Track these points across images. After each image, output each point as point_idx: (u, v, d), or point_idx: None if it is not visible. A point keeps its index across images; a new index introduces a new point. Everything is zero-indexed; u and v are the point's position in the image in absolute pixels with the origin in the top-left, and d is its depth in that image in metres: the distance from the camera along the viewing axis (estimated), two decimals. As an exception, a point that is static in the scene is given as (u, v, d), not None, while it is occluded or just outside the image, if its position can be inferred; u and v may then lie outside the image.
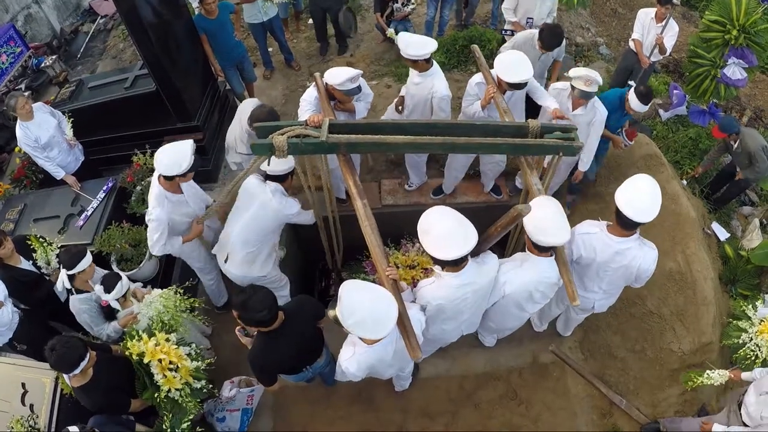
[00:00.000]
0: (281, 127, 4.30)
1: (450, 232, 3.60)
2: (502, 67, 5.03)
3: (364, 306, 3.34)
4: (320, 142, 4.19)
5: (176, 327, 4.56)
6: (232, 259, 4.99)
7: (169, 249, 4.90)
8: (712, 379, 4.72)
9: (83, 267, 4.42)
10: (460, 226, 3.61)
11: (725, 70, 7.26)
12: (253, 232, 4.83)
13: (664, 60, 9.20)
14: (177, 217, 4.89)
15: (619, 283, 4.63)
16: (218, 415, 5.22)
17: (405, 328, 3.58)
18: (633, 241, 4.20)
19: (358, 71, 5.03)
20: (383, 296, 3.44)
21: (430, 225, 3.64)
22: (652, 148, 6.66)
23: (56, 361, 3.79)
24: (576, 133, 4.52)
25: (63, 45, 10.93)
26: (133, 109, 6.92)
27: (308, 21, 9.79)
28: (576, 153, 4.55)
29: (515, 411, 5.50)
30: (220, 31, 7.05)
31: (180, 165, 4.53)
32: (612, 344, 5.90)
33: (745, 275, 6.69)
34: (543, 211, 3.90)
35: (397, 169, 7.18)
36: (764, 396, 4.02)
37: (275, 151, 4.20)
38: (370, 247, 4.06)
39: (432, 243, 3.61)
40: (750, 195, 8.22)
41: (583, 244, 4.32)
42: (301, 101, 5.24)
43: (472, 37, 8.45)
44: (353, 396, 5.47)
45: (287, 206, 4.76)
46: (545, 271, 4.08)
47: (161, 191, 4.71)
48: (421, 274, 6.29)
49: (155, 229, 4.71)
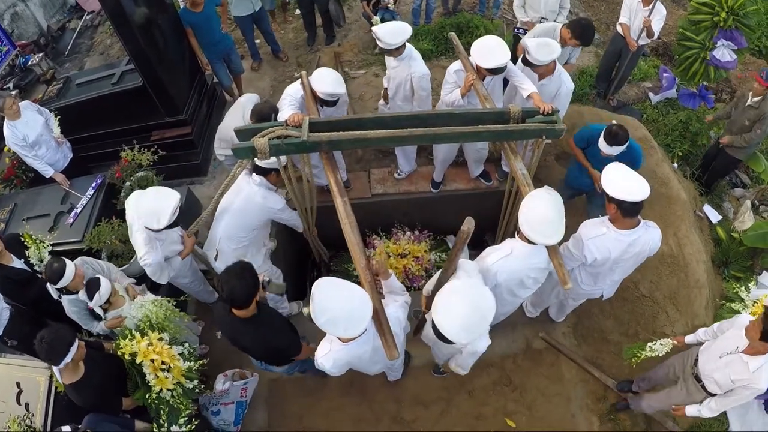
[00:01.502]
0: (262, 129, 4.27)
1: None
2: (479, 53, 5.01)
3: (336, 305, 3.30)
4: (301, 141, 4.17)
5: (167, 328, 4.56)
6: (222, 256, 4.98)
7: (171, 273, 4.87)
8: (656, 351, 4.57)
9: (66, 282, 4.39)
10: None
11: (715, 53, 7.25)
12: (238, 228, 4.81)
13: (653, 43, 9.19)
14: (172, 246, 4.86)
15: (631, 270, 4.66)
16: (213, 409, 5.23)
17: (381, 326, 3.54)
18: (640, 228, 4.21)
19: (342, 91, 5.12)
20: (356, 295, 3.38)
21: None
22: (642, 132, 6.66)
23: (46, 351, 3.80)
24: (558, 115, 4.52)
25: (50, 42, 10.87)
26: (120, 105, 6.89)
27: (295, 11, 9.77)
28: (559, 136, 4.53)
29: (509, 397, 5.50)
30: (206, 24, 7.00)
31: (159, 220, 4.39)
32: (605, 329, 5.90)
33: (738, 257, 6.71)
34: (540, 210, 3.88)
35: (387, 158, 7.18)
36: (727, 357, 3.95)
37: (257, 153, 4.18)
38: (349, 245, 4.03)
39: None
40: (741, 177, 8.24)
41: (597, 248, 4.27)
42: (285, 95, 5.24)
43: (459, 23, 8.46)
44: (347, 387, 5.47)
45: (272, 200, 4.74)
46: (535, 257, 4.07)
47: (149, 234, 4.58)
48: (412, 262, 6.33)
49: (155, 272, 4.67)
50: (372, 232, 6.84)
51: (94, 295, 4.41)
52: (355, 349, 3.60)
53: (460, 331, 3.33)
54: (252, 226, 4.86)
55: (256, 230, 4.93)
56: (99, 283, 4.43)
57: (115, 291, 4.64)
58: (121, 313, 4.61)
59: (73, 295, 4.58)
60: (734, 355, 3.84)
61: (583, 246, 4.29)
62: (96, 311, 4.60)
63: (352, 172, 7.08)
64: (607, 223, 4.24)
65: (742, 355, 3.78)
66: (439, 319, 3.35)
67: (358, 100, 7.78)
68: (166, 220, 4.37)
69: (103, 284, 4.44)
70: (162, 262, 4.67)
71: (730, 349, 3.89)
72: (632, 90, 8.43)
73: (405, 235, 6.57)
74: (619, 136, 4.91)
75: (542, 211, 3.86)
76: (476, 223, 7.09)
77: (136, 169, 5.96)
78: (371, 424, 5.39)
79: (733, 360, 3.85)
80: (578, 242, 4.34)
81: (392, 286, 3.94)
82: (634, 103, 8.28)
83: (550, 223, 3.83)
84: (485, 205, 6.49)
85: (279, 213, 4.89)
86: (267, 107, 5.10)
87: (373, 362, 3.95)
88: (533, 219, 3.83)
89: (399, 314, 3.79)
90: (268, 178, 4.68)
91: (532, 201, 3.93)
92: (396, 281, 4.01)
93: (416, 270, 6.34)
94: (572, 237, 4.41)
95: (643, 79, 8.60)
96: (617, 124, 5.05)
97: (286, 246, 6.57)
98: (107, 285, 4.48)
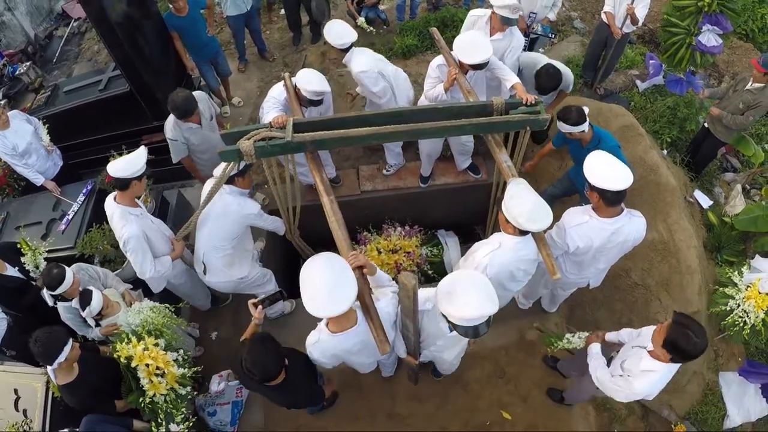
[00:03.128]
0: (248, 131, 4.28)
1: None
2: (462, 48, 5.04)
3: (319, 281, 3.25)
4: (286, 142, 4.20)
5: (163, 333, 4.57)
6: (210, 269, 4.99)
7: (160, 268, 4.82)
8: (573, 344, 4.59)
9: (64, 289, 4.41)
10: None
11: (700, 38, 7.26)
12: (219, 238, 4.81)
13: (639, 31, 9.23)
14: (151, 234, 4.79)
15: (615, 258, 4.68)
16: (209, 410, 5.27)
17: (372, 321, 3.53)
18: (624, 217, 4.22)
19: (327, 90, 5.15)
20: (340, 273, 3.31)
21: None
22: (629, 119, 6.67)
23: (41, 350, 3.85)
24: (542, 105, 4.54)
25: (38, 50, 10.87)
26: (108, 111, 6.91)
27: (281, 11, 9.76)
28: (543, 126, 4.55)
29: (504, 389, 5.53)
30: (191, 27, 7.00)
31: (137, 164, 4.47)
32: (599, 318, 5.92)
33: (730, 241, 6.73)
34: (526, 200, 3.91)
35: (375, 155, 7.19)
36: (636, 349, 3.86)
37: (243, 156, 4.20)
38: (337, 242, 4.05)
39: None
40: (732, 161, 8.25)
41: (578, 236, 4.30)
42: (268, 97, 5.26)
43: (444, 18, 8.48)
44: (341, 384, 5.48)
45: (246, 206, 4.74)
46: (523, 249, 4.10)
47: (122, 209, 4.60)
48: (403, 257, 6.34)
49: (135, 248, 4.60)
50: (363, 229, 6.86)
51: (85, 308, 4.44)
52: (342, 342, 3.62)
53: (486, 303, 3.30)
54: (233, 234, 4.84)
55: (237, 238, 4.91)
56: (90, 297, 4.43)
57: (108, 302, 4.64)
58: (117, 321, 4.63)
59: (68, 302, 4.60)
60: (641, 349, 3.79)
61: (565, 234, 4.32)
62: (89, 322, 4.64)
63: (341, 170, 7.09)
64: (590, 212, 4.27)
65: (644, 351, 3.73)
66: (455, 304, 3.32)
67: (345, 97, 7.79)
68: (143, 161, 4.51)
69: (94, 298, 4.43)
70: (141, 237, 4.60)
71: (642, 344, 3.84)
72: (619, 78, 8.44)
73: (396, 231, 6.58)
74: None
75: (526, 198, 3.90)
76: (466, 216, 7.18)
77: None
78: (366, 421, 5.42)
79: (636, 352, 3.83)
80: (561, 230, 4.37)
81: (379, 279, 3.94)
82: (621, 91, 8.29)
83: (537, 208, 3.86)
84: (474, 197, 6.53)
85: (256, 219, 4.89)
86: (180, 98, 5.18)
87: (363, 356, 3.97)
88: (522, 207, 3.85)
89: (390, 309, 3.78)
90: (235, 183, 4.67)
91: (513, 192, 3.95)
92: (382, 274, 4.00)
93: (408, 265, 6.36)
94: (555, 225, 4.43)
95: (630, 67, 8.61)
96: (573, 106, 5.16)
97: (276, 245, 6.58)
98: (99, 298, 4.47)
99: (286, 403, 4.25)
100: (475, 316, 3.24)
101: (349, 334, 3.56)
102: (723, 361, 6.16)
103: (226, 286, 5.18)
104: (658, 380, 3.67)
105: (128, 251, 4.64)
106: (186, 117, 5.35)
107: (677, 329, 3.42)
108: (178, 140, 5.61)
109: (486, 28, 5.64)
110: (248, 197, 4.87)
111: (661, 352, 3.55)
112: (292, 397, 4.07)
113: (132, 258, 4.68)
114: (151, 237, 4.78)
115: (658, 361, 3.63)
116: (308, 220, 5.72)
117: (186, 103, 5.25)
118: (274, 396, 4.06)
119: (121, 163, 4.50)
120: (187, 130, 5.57)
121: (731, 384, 5.94)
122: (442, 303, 3.33)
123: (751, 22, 9.48)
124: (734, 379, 5.95)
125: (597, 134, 5.21)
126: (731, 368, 6.07)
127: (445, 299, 3.33)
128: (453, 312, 3.29)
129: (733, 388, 5.92)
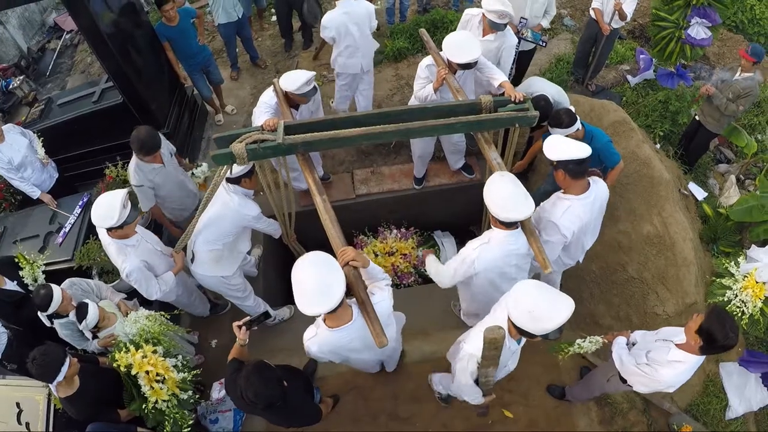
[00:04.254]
0: (240, 134, 4.30)
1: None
2: (451, 48, 5.07)
3: (305, 280, 3.30)
4: (277, 144, 4.21)
5: (161, 341, 4.60)
6: (197, 259, 5.02)
7: (164, 287, 4.85)
8: (584, 348, 4.49)
9: (55, 307, 4.42)
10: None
11: (689, 31, 7.29)
12: (213, 233, 4.82)
13: (629, 26, 9.24)
14: (150, 258, 4.82)
15: (598, 228, 4.86)
16: (211, 417, 5.27)
17: (368, 315, 3.55)
18: (593, 186, 4.37)
19: (311, 73, 5.10)
20: (326, 274, 3.34)
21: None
22: (620, 114, 6.67)
23: (38, 371, 3.88)
24: (530, 102, 4.58)
25: (31, 64, 10.89)
26: (102, 123, 6.93)
27: (272, 18, 9.79)
28: (531, 123, 4.59)
29: (505, 387, 5.50)
30: (182, 37, 7.04)
31: (112, 217, 4.35)
32: (597, 313, 5.94)
33: (726, 232, 6.72)
34: (502, 189, 3.96)
35: (368, 158, 7.23)
36: (661, 342, 3.92)
37: (236, 159, 4.22)
38: (330, 240, 4.08)
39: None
40: (725, 152, 8.26)
41: (570, 221, 4.35)
42: (260, 103, 5.25)
43: (434, 20, 8.51)
44: (342, 386, 5.50)
45: (247, 208, 4.74)
46: (513, 244, 4.11)
47: (117, 244, 4.60)
48: (400, 259, 6.35)
49: (138, 279, 4.65)
50: (359, 232, 6.88)
51: (82, 321, 4.47)
52: (340, 338, 3.64)
53: (563, 306, 3.30)
54: (227, 232, 4.86)
55: (231, 237, 4.92)
56: (87, 309, 4.46)
57: (104, 314, 4.66)
58: (114, 332, 4.65)
59: (65, 318, 4.62)
60: (667, 342, 3.84)
61: (558, 228, 4.35)
62: (86, 334, 4.67)
63: (335, 174, 7.12)
64: (565, 196, 4.37)
65: (671, 344, 3.78)
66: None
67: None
68: (117, 213, 4.33)
69: (90, 311, 4.47)
70: (143, 268, 4.65)
71: (668, 338, 3.89)
72: (610, 74, 8.46)
73: (391, 233, 6.60)
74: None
75: (502, 188, 3.97)
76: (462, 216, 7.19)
77: (121, 185, 6.00)
78: (368, 422, 5.42)
79: (663, 345, 3.87)
80: (551, 227, 4.39)
81: (372, 273, 3.95)
82: (612, 87, 8.31)
83: (513, 196, 3.92)
84: (469, 197, 6.54)
85: (254, 221, 4.88)
86: (145, 133, 5.13)
87: (364, 353, 4.00)
88: (497, 198, 3.92)
89: (385, 303, 3.77)
90: (241, 184, 4.68)
91: (491, 185, 4.02)
92: (375, 267, 3.98)
93: (404, 267, 6.38)
94: (541, 230, 4.47)
95: (621, 62, 8.63)
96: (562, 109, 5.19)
97: (273, 251, 6.61)
98: (95, 311, 4.50)
99: (287, 423, 4.30)
100: (562, 321, 3.27)
101: (345, 329, 3.57)
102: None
103: (210, 281, 5.20)
104: (685, 371, 3.72)
105: (132, 282, 4.68)
106: (153, 152, 5.18)
107: (715, 318, 3.46)
108: (144, 185, 5.46)
109: (479, 27, 5.70)
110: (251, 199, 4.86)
111: (694, 339, 3.57)
112: (291, 417, 4.13)
113: (137, 287, 4.73)
114: (150, 261, 4.81)
115: (687, 353, 3.68)
116: (303, 225, 5.74)
117: (152, 136, 5.13)
118: (273, 418, 4.12)
119: (99, 210, 4.41)
120: (150, 171, 5.41)
121: (732, 374, 5.94)
122: (528, 325, 3.32)
123: (741, 14, 9.49)
124: (735, 369, 5.95)
125: (589, 131, 5.25)
126: (731, 358, 6.07)
127: (529, 320, 3.32)
128: (544, 326, 3.29)
129: (733, 379, 5.92)
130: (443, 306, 6.14)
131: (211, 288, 5.44)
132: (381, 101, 7.71)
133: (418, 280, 6.52)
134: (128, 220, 4.45)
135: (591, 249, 5.30)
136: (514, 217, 3.92)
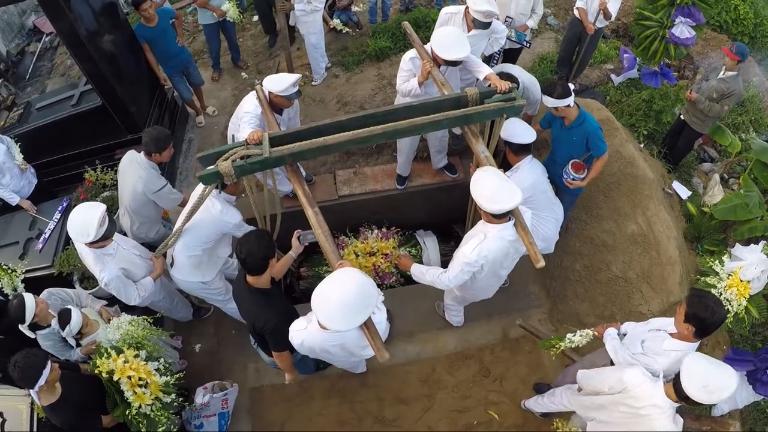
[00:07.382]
0: (224, 151, 4.22)
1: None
2: (440, 44, 5.00)
3: (339, 292, 3.29)
4: (264, 158, 4.13)
5: (144, 345, 4.55)
6: (177, 264, 4.95)
7: (143, 293, 4.79)
8: (575, 342, 4.47)
9: (31, 313, 4.37)
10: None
11: (673, 30, 7.27)
12: (191, 238, 4.74)
13: (612, 25, 9.25)
14: (128, 265, 4.76)
15: (552, 192, 5.47)
16: (195, 422, 5.23)
17: (368, 329, 3.51)
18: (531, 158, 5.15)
19: (297, 75, 5.08)
20: (360, 297, 3.33)
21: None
22: (604, 113, 6.67)
23: (20, 374, 3.82)
24: (516, 92, 4.56)
25: (10, 68, 10.76)
26: (82, 126, 6.85)
27: (253, 18, 9.72)
28: (519, 113, 4.61)
29: (490, 388, 5.53)
30: (161, 38, 6.94)
31: (88, 234, 4.27)
32: (581, 312, 5.94)
33: (710, 231, 6.74)
34: (488, 182, 3.99)
35: (351, 159, 7.20)
36: (654, 332, 3.99)
37: (223, 177, 4.15)
38: (325, 254, 4.09)
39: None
40: (709, 151, 8.30)
41: (530, 185, 4.98)
42: (244, 114, 5.08)
43: (417, 19, 8.47)
44: (327, 390, 5.48)
45: (228, 214, 4.64)
46: (510, 236, 4.16)
47: (95, 253, 4.54)
48: (381, 260, 6.31)
49: (117, 287, 4.61)
50: (340, 233, 6.82)
51: (65, 327, 4.41)
52: (328, 340, 3.64)
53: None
54: (207, 238, 4.77)
55: (211, 243, 4.84)
56: (69, 315, 4.41)
57: (87, 321, 4.61)
58: (96, 338, 4.59)
59: (46, 329, 4.57)
60: (661, 332, 3.91)
61: None
62: (69, 342, 4.60)
63: (317, 174, 7.08)
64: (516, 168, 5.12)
65: (665, 334, 3.86)
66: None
67: (319, 103, 7.79)
68: (94, 231, 4.26)
69: (73, 317, 4.42)
70: (121, 276, 4.60)
71: (661, 327, 3.96)
72: (594, 73, 8.47)
73: (373, 233, 6.55)
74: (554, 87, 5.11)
75: (488, 182, 4.00)
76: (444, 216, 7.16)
77: (101, 190, 5.94)
78: (354, 425, 5.41)
79: (657, 335, 3.94)
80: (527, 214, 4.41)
81: None
82: (596, 86, 8.32)
83: (501, 188, 3.95)
84: (452, 198, 6.53)
85: (234, 229, 4.78)
86: (153, 133, 5.04)
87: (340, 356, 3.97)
88: (485, 192, 3.97)
89: (384, 324, 3.80)
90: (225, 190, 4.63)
91: (476, 182, 4.06)
92: None
93: (386, 267, 6.33)
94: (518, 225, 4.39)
95: (605, 62, 8.64)
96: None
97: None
98: (78, 317, 4.45)
99: (255, 317, 4.12)
100: (732, 391, 3.40)
101: (338, 333, 3.52)
102: (708, 350, 6.16)
103: (189, 286, 5.14)
104: (681, 359, 3.71)
105: (111, 290, 4.64)
106: (166, 148, 5.09)
107: (695, 300, 3.59)
108: (168, 184, 5.37)
109: (462, 24, 5.64)
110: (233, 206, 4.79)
111: (686, 328, 3.64)
112: (264, 312, 4.05)
113: (116, 294, 4.69)
114: (129, 267, 4.76)
115: (682, 341, 3.75)
116: (287, 225, 5.63)
117: (161, 133, 5.10)
118: (246, 304, 4.22)
119: (74, 223, 4.33)
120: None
121: (717, 372, 5.95)
122: (704, 397, 3.40)
123: (725, 14, 9.53)
124: (720, 368, 5.97)
125: (582, 113, 5.27)
126: (717, 357, 6.07)
127: (705, 393, 3.40)
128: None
129: (719, 377, 5.94)
130: (427, 307, 6.13)
131: (191, 293, 5.38)
132: (363, 101, 7.65)
133: (399, 280, 6.48)
134: (106, 235, 4.39)
135: (575, 248, 5.33)
136: (505, 207, 3.93)
